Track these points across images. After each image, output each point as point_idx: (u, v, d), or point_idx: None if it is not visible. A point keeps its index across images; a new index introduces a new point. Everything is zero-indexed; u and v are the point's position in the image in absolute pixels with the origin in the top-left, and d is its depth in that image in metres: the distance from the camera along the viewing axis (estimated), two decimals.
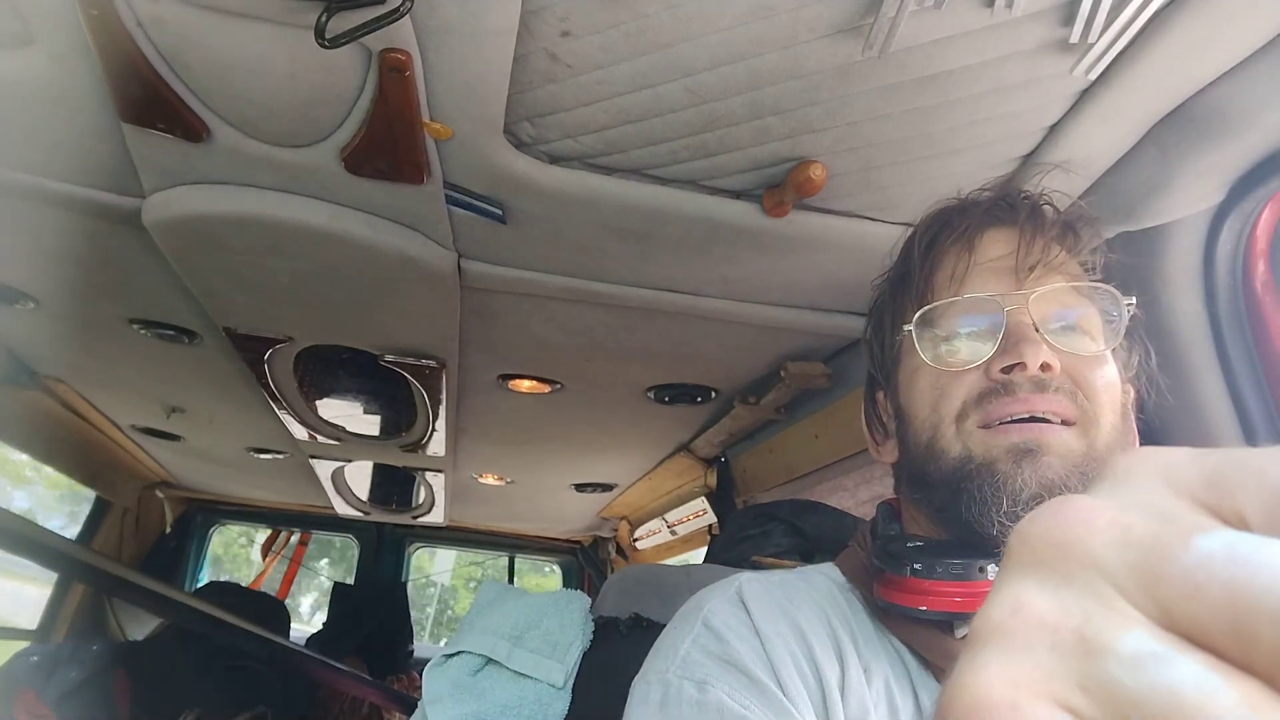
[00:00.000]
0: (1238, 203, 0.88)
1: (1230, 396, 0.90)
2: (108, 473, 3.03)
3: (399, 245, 1.17)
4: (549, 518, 3.79)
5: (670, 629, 0.69)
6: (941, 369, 0.68)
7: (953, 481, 0.65)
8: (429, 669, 0.93)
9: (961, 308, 0.69)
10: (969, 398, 0.66)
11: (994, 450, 0.64)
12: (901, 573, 0.64)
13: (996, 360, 0.65)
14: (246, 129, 0.96)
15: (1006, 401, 0.64)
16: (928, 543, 0.67)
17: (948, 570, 0.63)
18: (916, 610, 0.63)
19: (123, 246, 1.30)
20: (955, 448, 0.66)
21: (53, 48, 0.89)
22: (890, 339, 0.76)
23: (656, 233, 1.12)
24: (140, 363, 1.95)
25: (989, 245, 0.71)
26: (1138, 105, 0.85)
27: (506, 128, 0.94)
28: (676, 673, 0.62)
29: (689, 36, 0.80)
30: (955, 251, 0.72)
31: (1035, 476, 0.62)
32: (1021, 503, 0.61)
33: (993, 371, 0.65)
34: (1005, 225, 0.72)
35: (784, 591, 0.69)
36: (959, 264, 0.71)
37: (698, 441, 2.20)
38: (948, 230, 0.73)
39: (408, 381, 1.75)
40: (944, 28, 0.78)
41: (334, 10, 0.72)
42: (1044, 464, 0.62)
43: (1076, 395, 0.65)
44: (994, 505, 0.62)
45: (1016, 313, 0.66)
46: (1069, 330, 0.67)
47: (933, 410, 0.68)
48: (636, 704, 0.62)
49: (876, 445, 0.80)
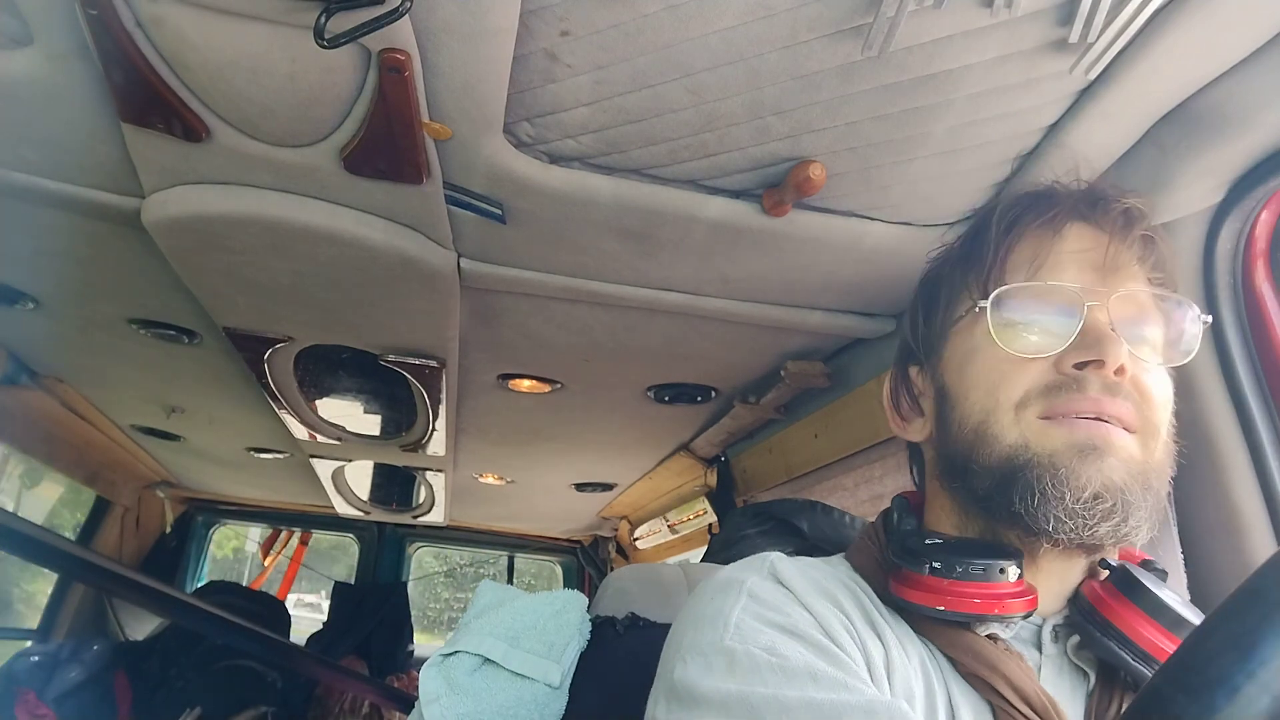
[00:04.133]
0: (1237, 202, 0.88)
1: (1230, 395, 0.90)
2: (108, 473, 3.03)
3: (399, 245, 1.17)
4: (549, 517, 3.79)
5: (704, 605, 0.64)
6: (1009, 353, 0.65)
7: (1004, 470, 0.63)
8: (425, 669, 0.93)
9: (1041, 293, 0.66)
10: (1033, 387, 0.64)
11: (1055, 443, 0.62)
12: (920, 570, 0.63)
13: (1073, 354, 0.63)
14: (246, 129, 0.96)
15: (1076, 398, 0.62)
16: (947, 540, 0.66)
17: (968, 570, 0.62)
18: (934, 610, 0.62)
19: (122, 246, 1.30)
20: (1010, 435, 0.64)
21: (52, 48, 0.89)
22: (945, 313, 0.73)
23: (656, 233, 1.12)
24: (140, 363, 1.95)
25: (1075, 237, 0.69)
26: (1137, 104, 0.85)
27: (506, 128, 0.94)
28: (736, 640, 0.58)
29: (689, 36, 0.80)
30: (1038, 236, 0.69)
31: (1100, 475, 0.60)
32: (1083, 500, 0.59)
33: (1064, 365, 0.63)
34: (1092, 222, 0.69)
35: (815, 572, 0.68)
36: (1040, 249, 0.68)
37: (698, 441, 2.20)
38: (1033, 214, 0.70)
39: (408, 381, 1.75)
40: (944, 27, 0.78)
41: (333, 10, 0.72)
42: (1109, 464, 0.60)
43: (1142, 404, 0.63)
44: (1054, 500, 0.60)
45: (1097, 309, 0.64)
46: (1142, 339, 0.65)
47: (988, 394, 0.65)
48: (695, 677, 0.57)
49: (902, 421, 0.77)
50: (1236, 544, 0.88)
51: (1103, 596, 0.63)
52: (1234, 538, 0.88)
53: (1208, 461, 0.90)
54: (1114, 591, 0.63)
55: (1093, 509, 0.60)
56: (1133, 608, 0.61)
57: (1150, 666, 0.59)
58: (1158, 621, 0.60)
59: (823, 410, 1.67)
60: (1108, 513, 0.60)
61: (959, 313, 0.71)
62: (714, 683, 0.56)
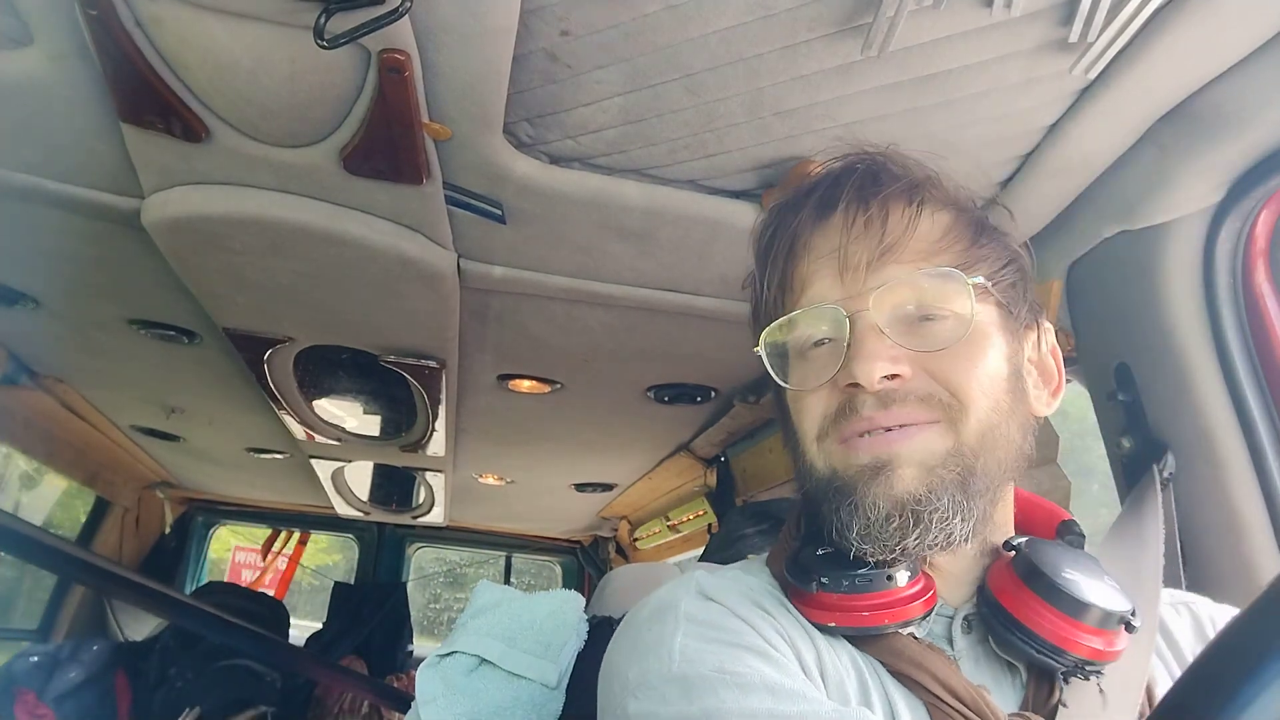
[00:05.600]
0: (1237, 202, 0.88)
1: (1229, 395, 0.90)
2: (108, 473, 3.03)
3: (399, 245, 1.17)
4: (549, 517, 3.79)
5: (641, 634, 0.63)
6: (795, 389, 0.64)
7: (821, 499, 0.63)
8: (422, 669, 0.93)
9: (802, 321, 0.64)
10: (825, 414, 0.63)
11: (852, 469, 0.61)
12: (808, 588, 0.62)
13: (841, 375, 0.61)
14: (246, 129, 0.96)
15: (854, 420, 0.61)
16: (838, 549, 0.63)
17: (854, 583, 0.61)
18: (825, 627, 0.61)
19: (122, 247, 1.30)
20: (819, 465, 0.63)
21: (52, 48, 0.89)
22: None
23: (657, 233, 1.12)
24: (140, 363, 1.95)
25: (819, 240, 0.66)
26: (1137, 104, 0.85)
27: (506, 128, 0.94)
28: (684, 665, 0.57)
29: (689, 36, 0.80)
30: (788, 255, 0.67)
31: (885, 494, 0.59)
32: (876, 522, 0.59)
33: (840, 385, 0.62)
34: (827, 217, 0.66)
35: (740, 584, 0.67)
36: (797, 269, 0.66)
37: (698, 441, 2.20)
38: (781, 232, 0.68)
39: (407, 381, 1.75)
40: (943, 27, 0.78)
41: (333, 11, 0.72)
42: (895, 479, 0.59)
43: (936, 393, 0.61)
44: (851, 525, 0.59)
45: (860, 317, 0.61)
46: (926, 321, 0.62)
47: (798, 429, 0.65)
48: (652, 709, 0.56)
49: None
50: (1236, 544, 0.88)
51: (1005, 587, 0.62)
52: (1234, 538, 0.88)
53: (1207, 461, 0.90)
54: (1015, 581, 0.61)
55: (886, 529, 0.59)
56: (1034, 597, 0.59)
57: (1059, 659, 0.58)
58: (1060, 609, 0.58)
59: None
60: (904, 529, 0.59)
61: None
62: (674, 709, 0.55)
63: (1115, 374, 0.99)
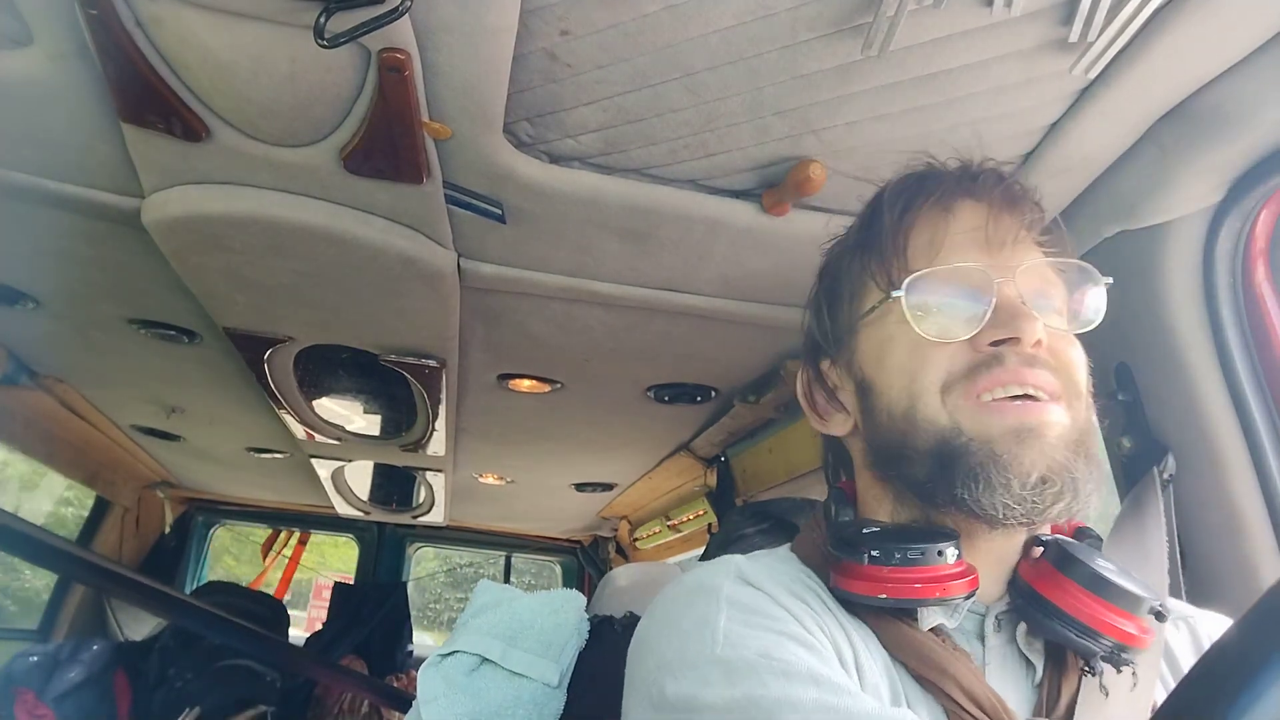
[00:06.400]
0: (1237, 202, 0.88)
1: (1229, 395, 0.90)
2: (108, 473, 3.03)
3: (399, 245, 1.17)
4: (549, 517, 3.79)
5: (680, 614, 0.63)
6: (927, 338, 0.65)
7: (941, 454, 0.63)
8: (423, 669, 0.93)
9: (950, 276, 0.66)
10: (955, 368, 0.64)
11: (991, 429, 0.62)
12: (859, 560, 0.62)
13: (988, 333, 0.63)
14: (246, 129, 0.96)
15: (997, 372, 0.62)
16: (884, 528, 0.65)
17: (906, 555, 0.61)
18: (875, 599, 0.62)
19: (122, 246, 1.30)
20: (941, 418, 0.63)
21: (52, 48, 0.89)
22: (852, 305, 0.73)
23: (656, 233, 1.12)
24: (140, 363, 1.95)
25: (965, 215, 0.69)
26: (1137, 104, 0.85)
27: (506, 127, 0.94)
28: (727, 649, 0.57)
29: (689, 36, 0.80)
30: (931, 217, 0.69)
31: (1043, 459, 0.60)
32: (1030, 486, 0.59)
33: (981, 344, 0.64)
34: (976, 197, 0.69)
35: (776, 572, 0.67)
36: (936, 231, 0.68)
37: (698, 441, 2.20)
38: (922, 196, 0.70)
39: (408, 381, 1.75)
40: (943, 27, 0.78)
41: (333, 10, 0.72)
42: (1049, 445, 0.61)
43: (1059, 371, 0.64)
44: (999, 487, 0.60)
45: (1005, 285, 0.64)
46: (1050, 309, 0.66)
47: (912, 380, 0.65)
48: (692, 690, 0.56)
49: (821, 418, 0.76)
50: (1236, 544, 0.88)
51: (1040, 575, 0.63)
52: (1234, 538, 0.88)
53: (1208, 461, 0.90)
54: (1050, 569, 0.63)
55: (1042, 493, 0.60)
56: (1071, 583, 0.61)
57: (1096, 642, 0.59)
58: (1097, 594, 0.60)
59: None
60: (1057, 495, 0.60)
61: (868, 303, 0.71)
62: (716, 692, 0.55)
63: (1115, 374, 0.99)
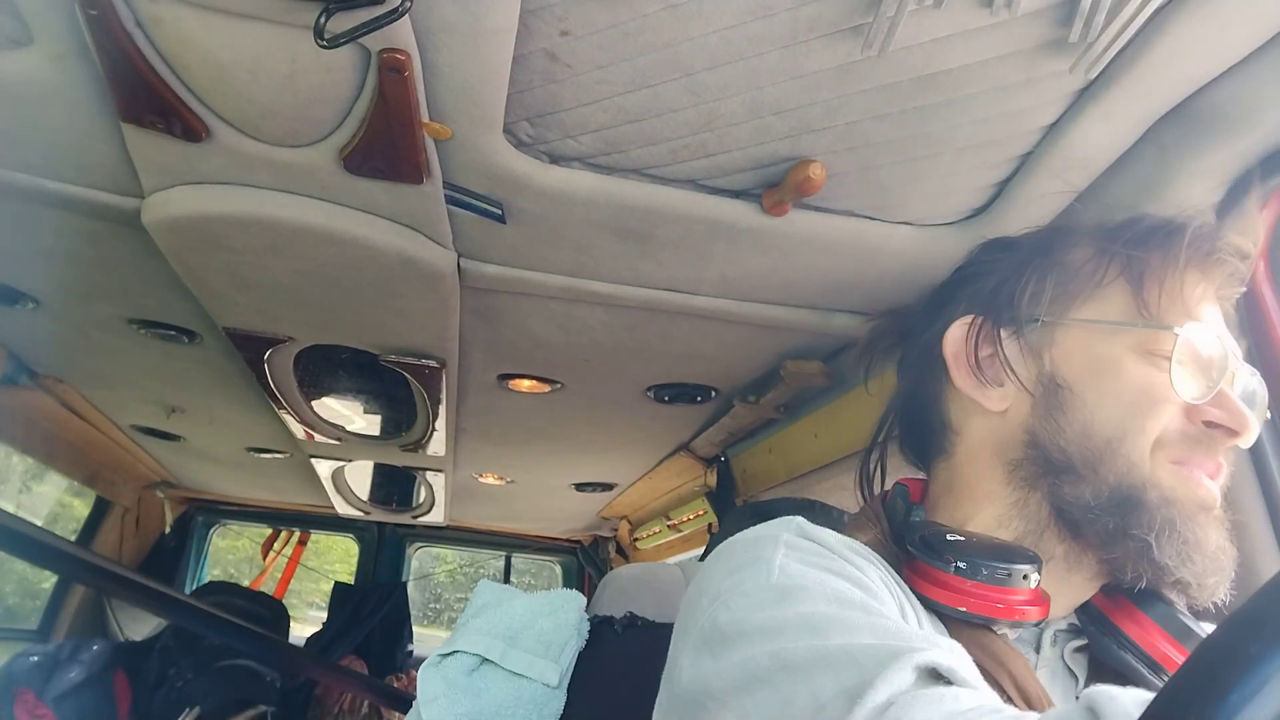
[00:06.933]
0: (1237, 201, 0.88)
1: None
2: (108, 473, 3.03)
3: (399, 245, 1.17)
4: (549, 517, 3.79)
5: (738, 556, 0.62)
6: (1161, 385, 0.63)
7: (1128, 496, 0.62)
8: (423, 669, 0.93)
9: (1214, 342, 0.64)
10: (1171, 429, 0.64)
11: (1184, 494, 0.62)
12: (945, 569, 0.62)
13: (1214, 412, 0.63)
14: (246, 129, 0.96)
15: (1205, 459, 0.64)
16: (968, 540, 0.64)
17: (993, 574, 0.61)
18: (955, 610, 0.61)
19: (122, 246, 1.30)
20: (1145, 466, 0.63)
21: (52, 48, 0.89)
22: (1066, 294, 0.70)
23: (656, 233, 1.12)
24: (140, 363, 1.95)
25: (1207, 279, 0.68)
26: (1137, 104, 0.85)
27: (506, 127, 0.94)
28: (783, 578, 0.56)
29: (689, 36, 0.80)
30: (1204, 270, 0.67)
31: (1217, 537, 0.62)
32: (1205, 557, 0.61)
33: (1196, 417, 0.63)
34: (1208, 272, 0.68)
35: (838, 537, 0.66)
36: (1206, 287, 0.67)
37: (698, 441, 2.20)
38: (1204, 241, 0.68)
39: (408, 381, 1.75)
40: (943, 27, 0.78)
41: (333, 10, 0.72)
42: (1220, 525, 0.63)
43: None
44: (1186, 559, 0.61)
45: (1236, 373, 0.65)
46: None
47: (1129, 417, 0.64)
48: (744, 613, 0.55)
49: (975, 379, 0.72)
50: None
51: (1112, 606, 0.64)
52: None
53: None
54: (1123, 601, 0.64)
55: (1209, 565, 0.62)
56: (1143, 616, 0.62)
57: (1160, 676, 0.60)
58: (1167, 631, 0.61)
59: (822, 410, 1.67)
60: (1225, 572, 0.62)
61: (1108, 312, 0.68)
62: (769, 613, 0.54)
63: None
